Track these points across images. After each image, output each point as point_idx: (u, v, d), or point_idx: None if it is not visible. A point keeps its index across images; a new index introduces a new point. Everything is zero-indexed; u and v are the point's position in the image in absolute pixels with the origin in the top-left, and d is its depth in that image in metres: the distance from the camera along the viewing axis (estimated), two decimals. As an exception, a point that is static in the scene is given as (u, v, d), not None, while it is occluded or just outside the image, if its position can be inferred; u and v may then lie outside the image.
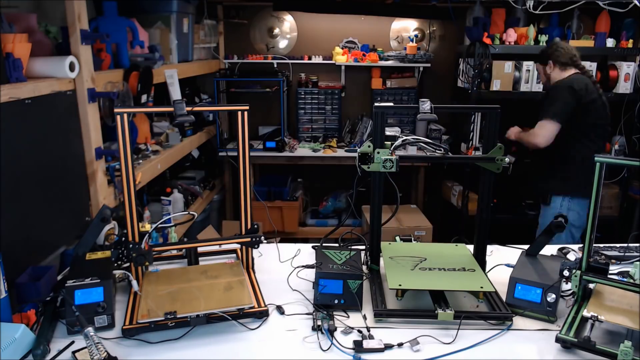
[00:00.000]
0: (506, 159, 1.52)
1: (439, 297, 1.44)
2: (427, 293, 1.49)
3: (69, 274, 1.44)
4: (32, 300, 1.40)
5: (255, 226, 1.62)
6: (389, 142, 1.52)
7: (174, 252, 1.79)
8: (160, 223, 1.61)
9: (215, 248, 1.83)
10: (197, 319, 1.33)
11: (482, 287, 1.42)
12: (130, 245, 1.47)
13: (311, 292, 1.51)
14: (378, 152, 1.50)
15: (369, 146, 1.51)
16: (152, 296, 1.41)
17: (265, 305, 1.43)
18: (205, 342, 1.31)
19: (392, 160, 1.48)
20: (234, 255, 1.82)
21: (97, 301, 1.34)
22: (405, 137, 1.55)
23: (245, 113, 1.53)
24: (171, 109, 1.48)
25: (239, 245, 1.80)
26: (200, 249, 1.76)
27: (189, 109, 1.48)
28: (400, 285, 1.42)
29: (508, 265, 1.72)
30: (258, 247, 1.61)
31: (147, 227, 1.55)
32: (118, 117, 1.41)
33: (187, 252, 1.72)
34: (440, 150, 1.60)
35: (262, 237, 1.62)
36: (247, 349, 1.29)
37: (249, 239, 1.60)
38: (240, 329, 1.36)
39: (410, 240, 1.82)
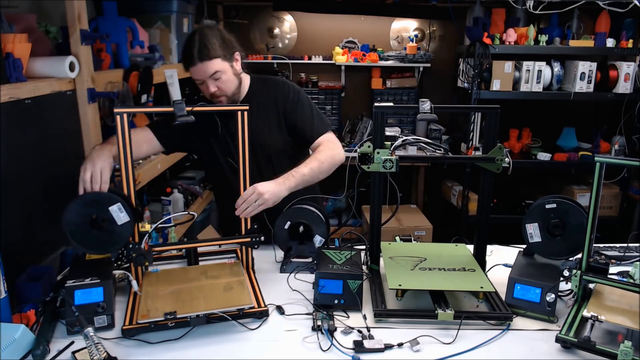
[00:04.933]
0: (506, 159, 1.52)
1: (439, 297, 1.45)
2: (427, 293, 1.49)
3: (69, 274, 1.44)
4: (32, 301, 1.39)
5: (255, 226, 1.62)
6: (389, 142, 1.52)
7: (174, 252, 1.79)
8: (160, 223, 1.61)
9: (215, 248, 1.83)
10: (197, 319, 1.32)
11: (482, 287, 1.42)
12: (130, 246, 1.47)
13: (311, 292, 1.51)
14: (378, 152, 1.50)
15: (369, 146, 1.51)
16: (152, 296, 1.41)
17: (265, 305, 1.42)
18: (205, 342, 1.31)
19: (392, 160, 1.48)
20: (234, 255, 1.82)
21: (96, 301, 1.34)
22: (405, 137, 1.55)
23: (245, 113, 1.53)
24: (171, 109, 1.48)
25: (238, 246, 1.80)
26: (200, 249, 1.76)
27: (189, 109, 1.48)
28: (400, 285, 1.42)
29: (506, 265, 1.72)
30: (258, 247, 1.61)
31: (147, 227, 1.55)
32: (118, 117, 1.41)
33: (187, 252, 1.72)
34: (440, 150, 1.60)
35: (262, 237, 1.62)
36: (247, 349, 1.29)
37: (249, 239, 1.60)
38: (240, 329, 1.36)
39: (410, 240, 1.82)
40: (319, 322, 1.36)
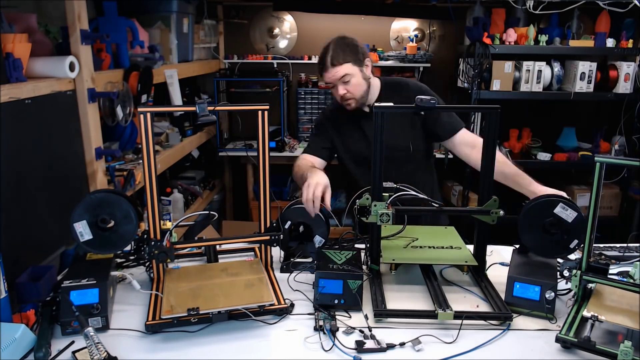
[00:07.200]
0: (500, 211, 1.54)
1: (428, 271, 1.60)
2: (417, 267, 1.65)
3: (67, 274, 1.44)
4: (32, 301, 1.39)
5: (274, 224, 1.63)
6: (387, 194, 1.54)
7: (186, 251, 1.80)
8: (181, 221, 1.64)
9: (232, 246, 1.84)
10: (218, 315, 1.33)
11: (466, 262, 1.59)
12: (152, 242, 1.48)
13: (312, 292, 1.51)
14: (375, 205, 1.52)
15: (367, 198, 1.53)
16: (173, 293, 1.42)
17: (285, 302, 1.43)
18: (205, 341, 1.31)
19: (389, 214, 1.52)
20: (251, 253, 1.83)
21: (91, 302, 1.33)
22: (401, 193, 1.56)
23: (266, 113, 1.53)
24: (194, 108, 1.48)
25: (244, 244, 1.81)
26: (217, 247, 1.76)
27: (210, 108, 1.49)
28: (394, 259, 1.58)
29: (502, 264, 1.72)
30: (278, 245, 1.63)
31: (168, 224, 1.57)
32: (142, 116, 1.41)
33: (207, 249, 1.73)
34: (436, 205, 1.62)
35: (282, 236, 1.64)
36: (248, 349, 1.29)
37: (268, 237, 1.62)
38: (241, 330, 1.36)
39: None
40: (321, 323, 1.36)
